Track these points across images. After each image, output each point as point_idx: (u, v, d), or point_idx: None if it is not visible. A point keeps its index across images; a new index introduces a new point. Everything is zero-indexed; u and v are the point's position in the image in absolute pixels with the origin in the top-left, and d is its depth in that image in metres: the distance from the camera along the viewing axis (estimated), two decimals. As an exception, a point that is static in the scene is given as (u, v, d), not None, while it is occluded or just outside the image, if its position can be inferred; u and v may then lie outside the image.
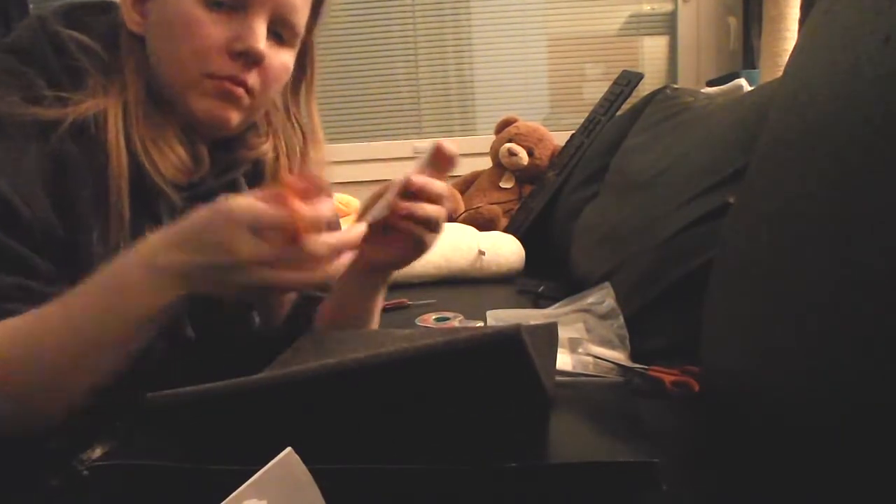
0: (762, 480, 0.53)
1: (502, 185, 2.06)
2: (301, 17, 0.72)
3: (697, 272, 0.86)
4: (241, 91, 0.69)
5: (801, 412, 0.48)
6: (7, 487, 0.57)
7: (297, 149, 0.81)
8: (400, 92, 2.53)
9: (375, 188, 0.71)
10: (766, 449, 0.53)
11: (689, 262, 0.90)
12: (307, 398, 0.45)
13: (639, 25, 2.39)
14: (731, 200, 0.81)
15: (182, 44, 0.67)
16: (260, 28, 0.67)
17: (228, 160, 0.76)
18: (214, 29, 0.66)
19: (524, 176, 2.05)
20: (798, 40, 0.67)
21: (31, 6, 2.37)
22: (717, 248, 0.72)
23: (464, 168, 2.19)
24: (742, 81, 1.51)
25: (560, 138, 2.03)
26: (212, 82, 0.68)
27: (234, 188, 0.77)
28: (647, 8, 2.37)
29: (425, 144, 0.83)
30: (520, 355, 0.42)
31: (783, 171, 0.58)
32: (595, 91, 2.17)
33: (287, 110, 0.81)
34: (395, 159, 2.47)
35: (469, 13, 2.48)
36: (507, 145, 2.03)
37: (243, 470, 0.35)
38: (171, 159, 0.68)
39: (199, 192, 0.72)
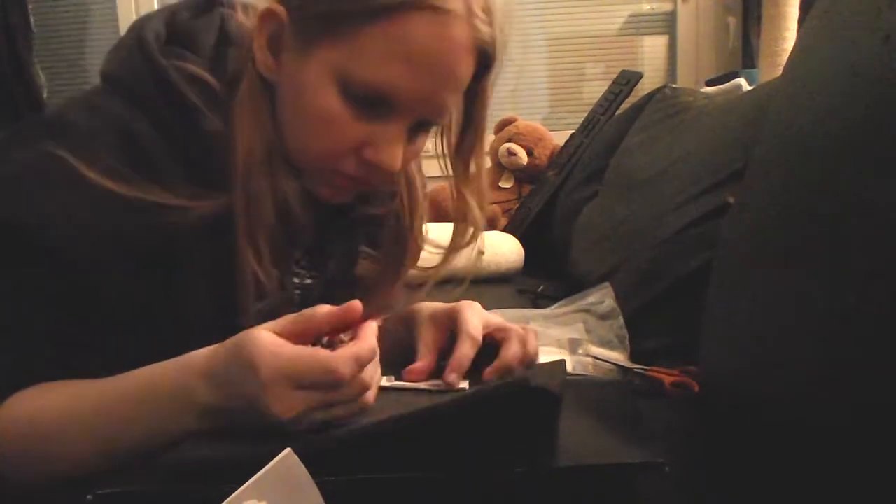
0: (762, 480, 0.53)
1: (502, 184, 2.06)
2: (455, 102, 0.64)
3: (697, 272, 0.86)
4: (358, 186, 0.65)
5: (801, 412, 0.48)
6: None
7: (421, 205, 0.76)
8: (399, 91, 2.53)
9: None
10: (765, 449, 0.53)
11: (688, 262, 0.90)
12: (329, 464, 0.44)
13: (638, 25, 2.39)
14: (731, 200, 0.81)
15: (313, 135, 0.61)
16: (398, 145, 0.61)
17: (341, 226, 0.72)
18: (350, 129, 0.60)
19: (524, 175, 2.05)
20: (797, 40, 0.67)
21: (30, 6, 2.37)
22: (716, 247, 0.72)
23: (463, 168, 2.18)
24: (741, 81, 1.51)
25: (560, 138, 2.03)
26: (336, 176, 0.63)
27: (352, 251, 0.74)
28: (646, 7, 2.37)
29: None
30: (553, 410, 0.42)
31: (783, 170, 0.58)
32: (595, 91, 2.17)
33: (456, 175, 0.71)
34: (394, 159, 2.46)
35: (468, 13, 2.48)
36: (507, 145, 2.03)
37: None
38: (269, 236, 0.62)
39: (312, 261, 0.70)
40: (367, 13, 0.56)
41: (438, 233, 0.78)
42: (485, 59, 0.63)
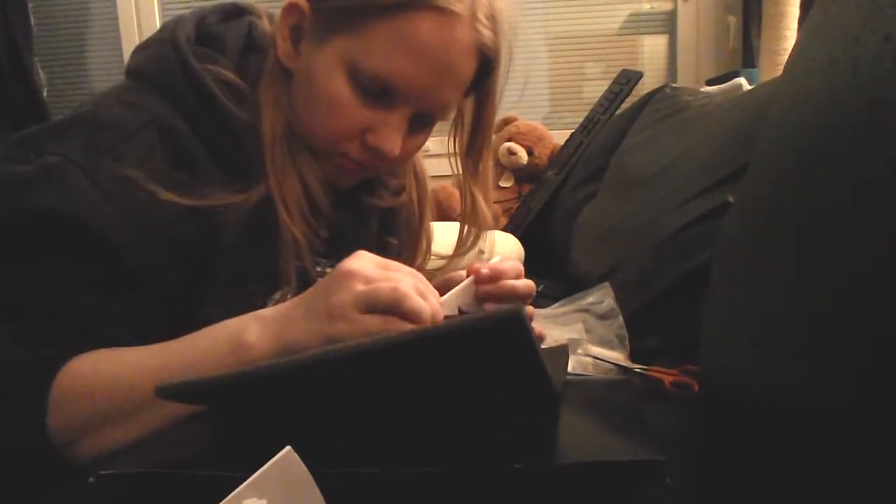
0: (762, 480, 0.53)
1: (502, 184, 2.06)
2: (454, 99, 0.68)
3: (697, 271, 0.86)
4: (363, 171, 0.70)
5: (801, 412, 0.48)
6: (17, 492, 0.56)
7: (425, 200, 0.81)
8: (400, 91, 2.52)
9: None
10: (766, 449, 0.53)
11: (688, 261, 0.90)
12: (311, 385, 0.45)
13: (638, 24, 2.39)
14: (731, 199, 0.81)
15: (322, 118, 0.66)
16: (398, 133, 0.65)
17: (357, 215, 0.76)
18: (356, 114, 0.64)
19: (523, 175, 2.05)
20: (797, 39, 0.67)
21: (30, 6, 2.37)
22: (716, 247, 0.72)
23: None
24: (741, 80, 1.51)
25: (560, 137, 2.03)
26: (339, 158, 0.68)
27: (368, 239, 0.78)
28: (646, 7, 2.37)
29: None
30: (520, 333, 0.41)
31: (783, 170, 0.58)
32: (595, 90, 2.17)
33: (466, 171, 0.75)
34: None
35: (468, 12, 2.47)
36: (507, 144, 2.03)
37: (246, 476, 0.35)
38: (301, 204, 0.67)
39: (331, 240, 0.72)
40: (379, 9, 0.61)
41: (442, 231, 0.80)
42: (487, 63, 0.67)
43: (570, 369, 0.77)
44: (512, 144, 2.03)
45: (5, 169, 0.59)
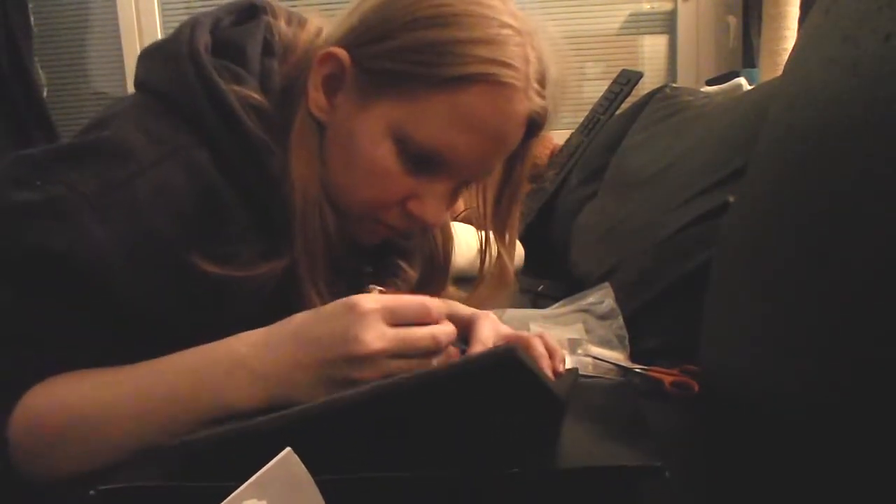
0: (762, 480, 0.53)
1: (502, 184, 2.06)
2: (499, 164, 0.67)
3: (697, 271, 0.85)
4: (394, 234, 0.67)
5: (801, 412, 0.48)
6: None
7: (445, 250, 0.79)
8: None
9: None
10: (766, 449, 0.53)
11: (688, 261, 0.90)
12: (317, 434, 0.44)
13: (638, 24, 2.39)
14: (731, 199, 0.81)
15: (362, 183, 0.62)
16: (443, 202, 0.64)
17: (374, 251, 0.72)
18: (400, 183, 0.61)
19: (524, 175, 2.05)
20: (798, 39, 0.67)
21: (30, 6, 2.37)
22: (716, 247, 0.72)
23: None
24: (741, 80, 1.51)
25: (559, 137, 2.03)
26: (376, 224, 0.65)
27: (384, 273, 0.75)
28: (646, 7, 2.37)
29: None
30: (517, 368, 0.42)
31: (783, 170, 0.58)
32: (595, 90, 2.17)
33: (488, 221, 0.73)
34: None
35: (468, 12, 2.47)
36: (507, 144, 2.03)
37: None
38: (326, 273, 0.63)
39: None
40: (437, 80, 0.58)
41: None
42: (533, 126, 0.65)
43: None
44: (512, 144, 2.03)
45: (8, 192, 0.56)
